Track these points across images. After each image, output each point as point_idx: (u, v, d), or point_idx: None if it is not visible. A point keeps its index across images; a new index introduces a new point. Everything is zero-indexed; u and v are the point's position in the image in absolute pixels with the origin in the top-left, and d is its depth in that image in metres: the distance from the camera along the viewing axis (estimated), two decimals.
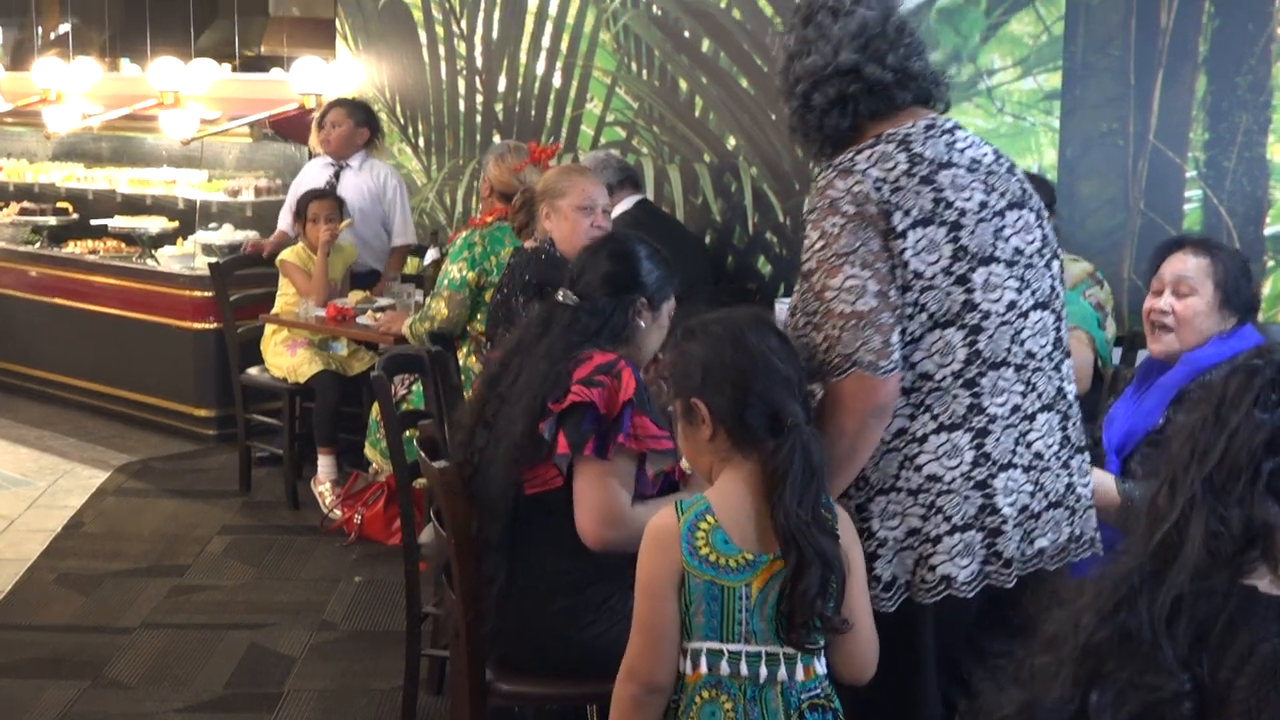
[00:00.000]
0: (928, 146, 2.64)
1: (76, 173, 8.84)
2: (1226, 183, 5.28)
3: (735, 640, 2.34)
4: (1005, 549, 2.59)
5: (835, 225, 2.55)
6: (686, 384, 2.43)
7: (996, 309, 2.59)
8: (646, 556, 2.38)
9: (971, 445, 2.57)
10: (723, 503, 2.38)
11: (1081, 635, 1.53)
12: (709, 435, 2.41)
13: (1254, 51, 5.23)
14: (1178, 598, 1.48)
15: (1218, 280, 3.41)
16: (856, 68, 2.67)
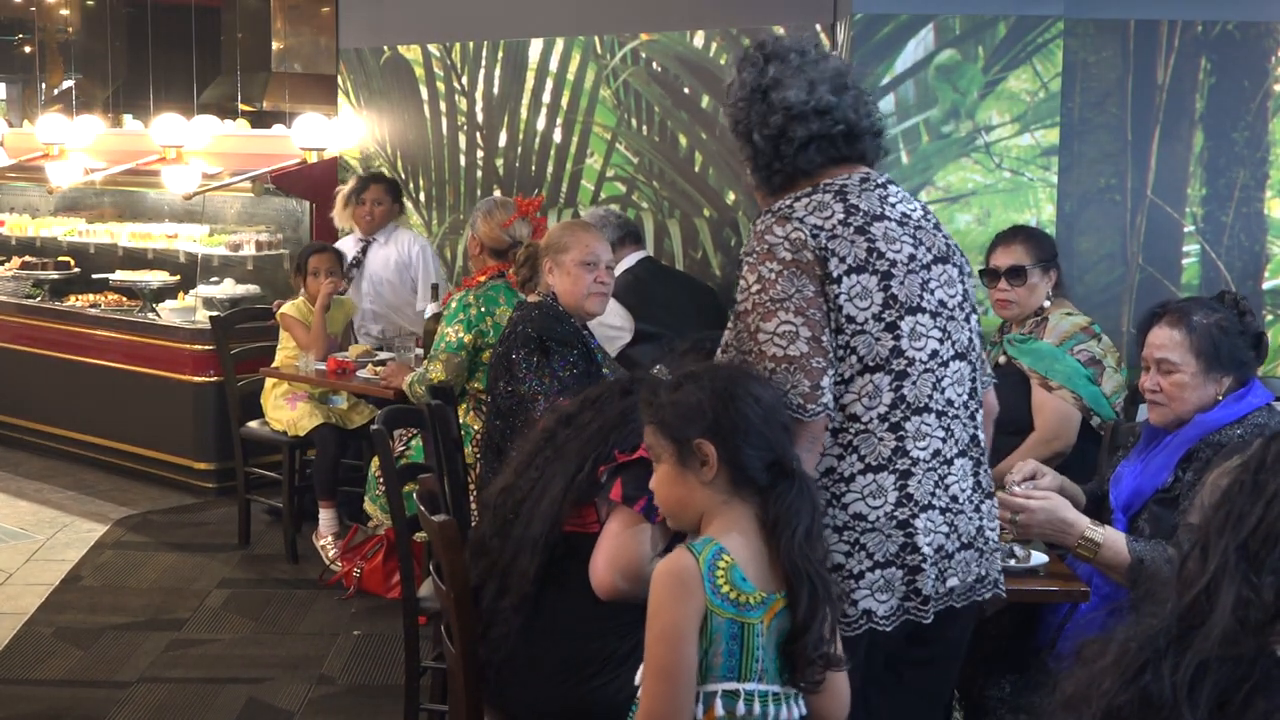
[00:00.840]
0: (863, 199, 2.73)
1: (78, 227, 8.87)
2: (1224, 238, 5.30)
3: (751, 679, 2.37)
4: (924, 586, 2.67)
5: (772, 271, 2.63)
6: (690, 427, 2.43)
7: (921, 356, 2.69)
8: (670, 600, 2.36)
9: (895, 486, 2.66)
10: (733, 543, 2.39)
11: (1104, 699, 1.52)
12: (710, 478, 2.42)
13: (1250, 108, 5.27)
14: (1202, 664, 1.46)
15: (1197, 351, 3.41)
16: (833, 109, 2.75)
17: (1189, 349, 3.40)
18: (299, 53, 12.64)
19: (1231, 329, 3.43)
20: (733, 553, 2.38)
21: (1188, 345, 3.40)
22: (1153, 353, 3.46)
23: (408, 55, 7.42)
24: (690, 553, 2.37)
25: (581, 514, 3.05)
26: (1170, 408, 3.44)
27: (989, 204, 5.16)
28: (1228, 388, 3.42)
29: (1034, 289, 4.57)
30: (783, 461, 2.42)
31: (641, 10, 6.48)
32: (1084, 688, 1.55)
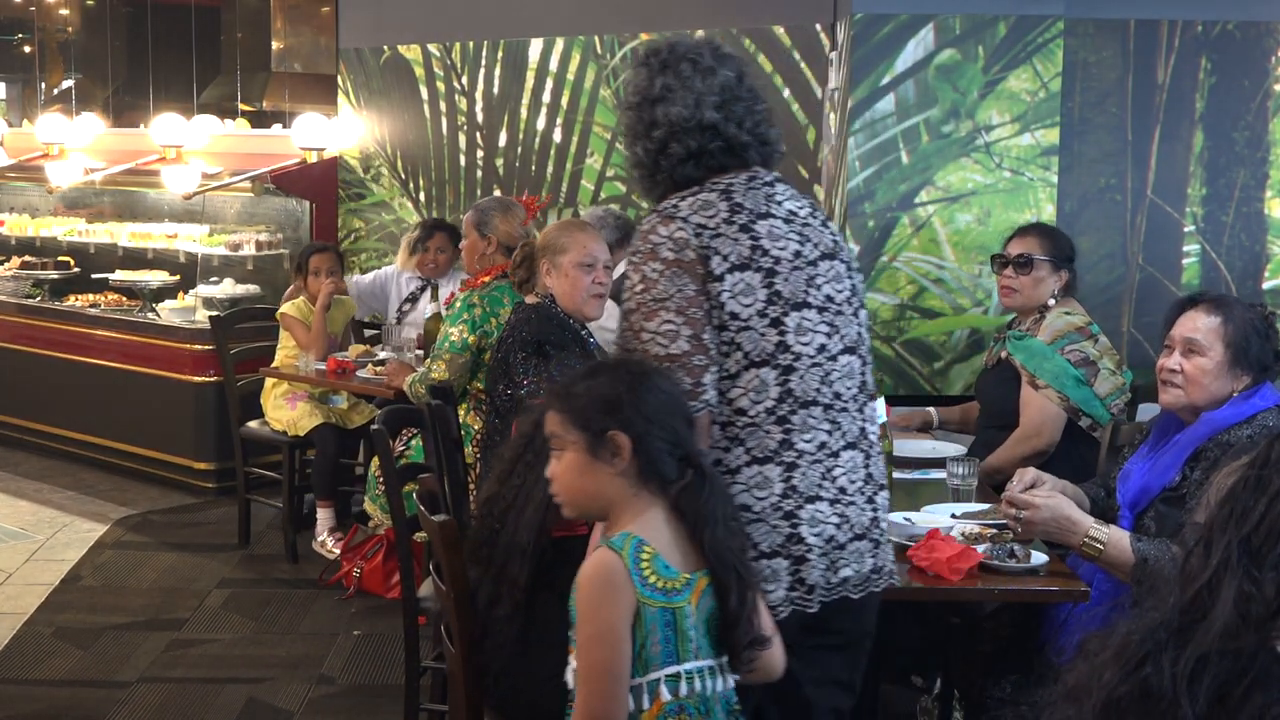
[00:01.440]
0: (748, 198, 2.79)
1: (78, 227, 8.87)
2: (1224, 237, 5.30)
3: (689, 659, 2.42)
4: (809, 576, 2.71)
5: (655, 271, 2.69)
6: (607, 418, 2.45)
7: (808, 351, 2.73)
8: (602, 601, 2.39)
9: (781, 478, 2.70)
10: (649, 533, 2.43)
11: (1104, 691, 1.53)
12: (621, 469, 2.45)
13: (1250, 108, 5.27)
14: (1202, 657, 1.47)
15: (1228, 341, 3.42)
16: (716, 126, 2.82)
17: (1220, 336, 3.41)
18: (299, 52, 12.63)
19: (1262, 332, 3.45)
20: (655, 540, 2.42)
21: (1220, 333, 3.41)
22: (1182, 333, 3.45)
23: (408, 55, 7.42)
24: (612, 550, 2.40)
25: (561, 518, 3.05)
26: (1185, 391, 3.43)
27: (989, 204, 5.16)
28: (1243, 387, 3.42)
29: (1039, 282, 4.57)
30: (690, 455, 2.47)
31: (641, 10, 6.48)
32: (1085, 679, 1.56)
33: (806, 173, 5.88)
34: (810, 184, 5.86)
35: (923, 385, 5.25)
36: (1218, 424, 3.38)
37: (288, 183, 7.65)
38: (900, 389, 5.20)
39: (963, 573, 3.15)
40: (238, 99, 12.54)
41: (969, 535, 3.38)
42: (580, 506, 2.55)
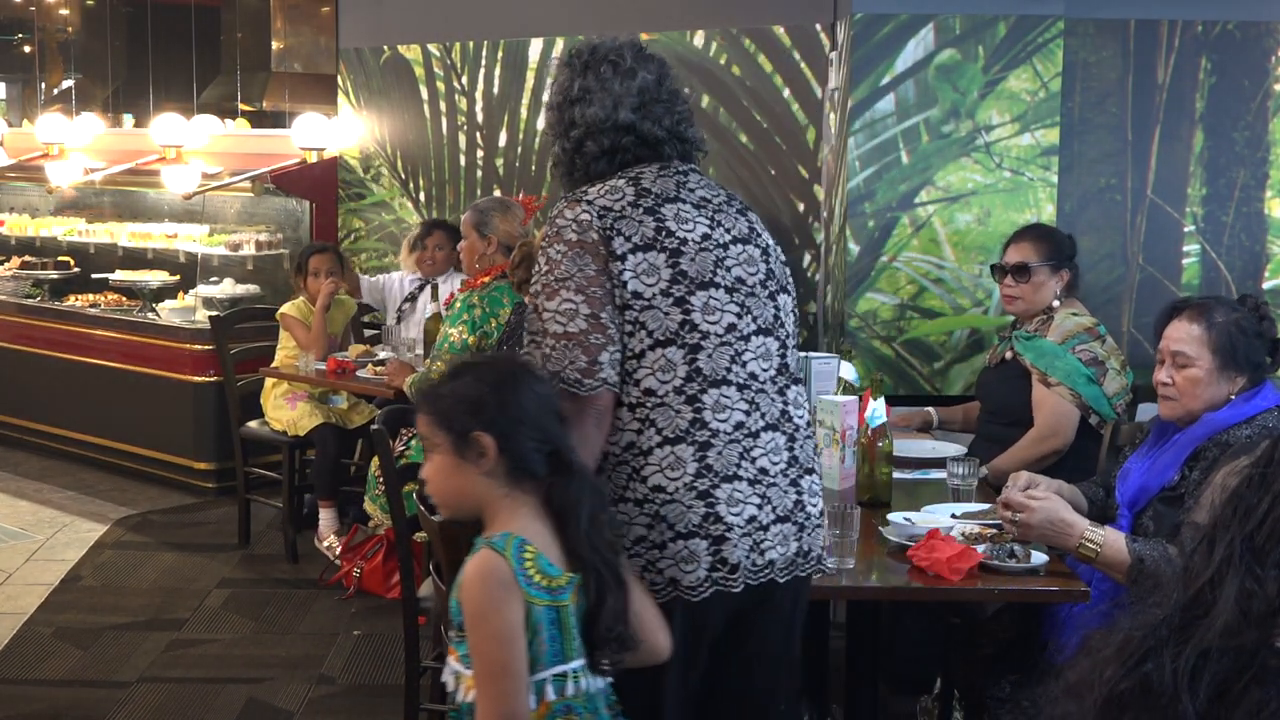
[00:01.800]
0: (656, 184, 2.84)
1: (78, 227, 8.87)
2: (1225, 237, 5.30)
3: (575, 657, 2.42)
4: (731, 555, 2.71)
5: (558, 252, 2.74)
6: (468, 418, 2.45)
7: (715, 330, 2.76)
8: (492, 602, 2.37)
9: (695, 458, 2.71)
10: (528, 532, 2.43)
11: (1105, 686, 1.53)
12: (488, 469, 2.44)
13: (1251, 108, 5.27)
14: (1204, 653, 1.48)
15: (1214, 347, 3.41)
16: (632, 125, 2.87)
17: (1206, 345, 3.41)
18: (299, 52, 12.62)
19: (1250, 330, 3.43)
20: (535, 539, 2.43)
21: (1205, 341, 3.41)
22: (1169, 345, 3.46)
23: (408, 55, 7.42)
24: (495, 551, 2.39)
25: None
26: (1181, 402, 3.44)
27: (989, 204, 5.16)
28: (1241, 388, 3.42)
29: (1039, 287, 4.58)
30: (560, 452, 2.47)
31: (641, 10, 6.48)
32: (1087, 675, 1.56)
33: (806, 173, 5.88)
34: (810, 184, 5.86)
35: (923, 385, 5.25)
36: (1218, 425, 3.39)
37: (288, 183, 7.65)
38: (900, 389, 5.20)
39: (963, 573, 3.15)
40: (238, 99, 12.54)
41: (969, 535, 3.38)
42: (453, 507, 2.56)
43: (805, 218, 5.89)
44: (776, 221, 6.02)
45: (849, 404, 3.97)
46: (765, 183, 6.05)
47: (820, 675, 4.14)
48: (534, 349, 2.73)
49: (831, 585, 3.23)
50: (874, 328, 5.25)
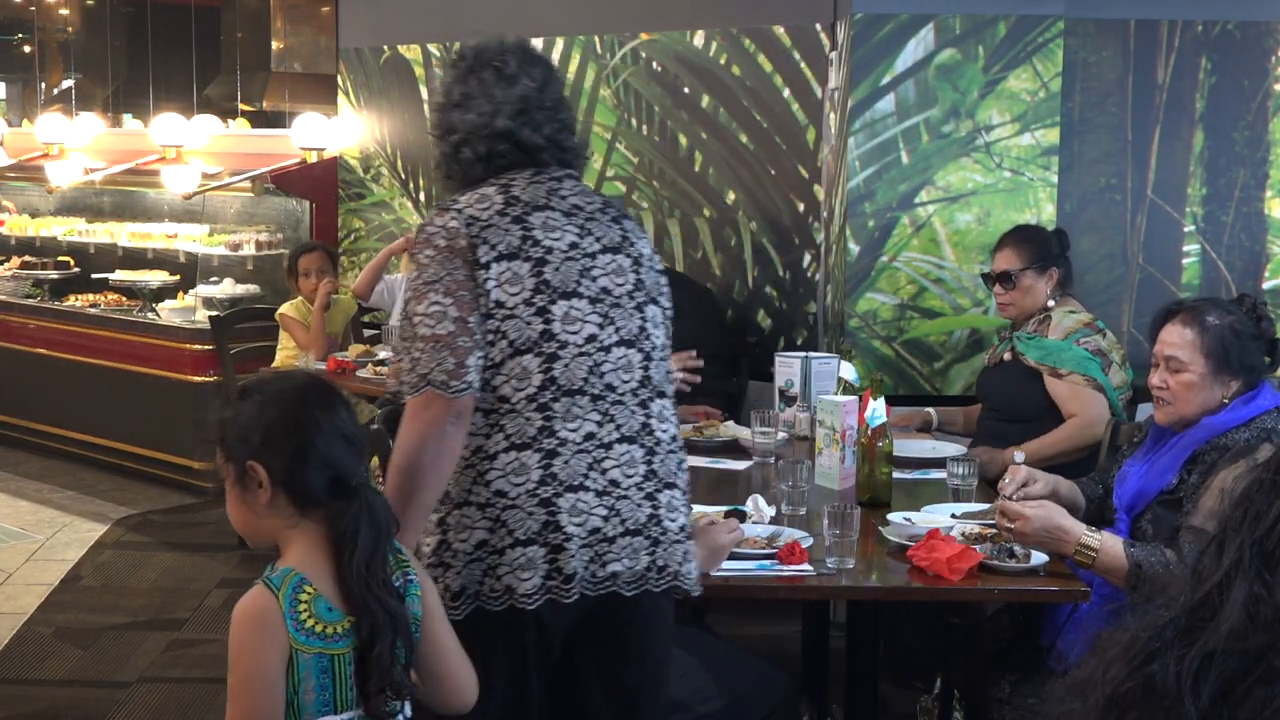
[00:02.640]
0: (527, 191, 2.83)
1: (78, 227, 8.87)
2: (1224, 237, 5.30)
3: (347, 709, 2.29)
4: (567, 566, 2.69)
5: (427, 257, 2.74)
6: (242, 447, 2.34)
7: (575, 340, 2.75)
8: (251, 644, 2.23)
9: (540, 465, 2.70)
10: (312, 570, 2.29)
11: (1109, 686, 1.53)
12: (267, 500, 2.32)
13: (1251, 108, 5.27)
14: (1208, 655, 1.48)
15: (1206, 352, 3.39)
16: (510, 133, 2.87)
17: (1199, 349, 3.39)
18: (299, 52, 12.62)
19: (1245, 332, 3.42)
20: (314, 581, 2.27)
21: (1198, 345, 3.39)
22: (1163, 350, 3.45)
23: (408, 55, 7.42)
24: (269, 589, 2.25)
25: None
26: (1175, 407, 3.43)
27: (989, 204, 5.16)
28: (1236, 391, 3.41)
29: (1028, 291, 4.61)
30: (344, 479, 2.32)
31: (641, 10, 6.48)
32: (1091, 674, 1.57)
33: (806, 173, 5.88)
34: (810, 184, 5.86)
35: (923, 385, 5.25)
36: (1216, 428, 3.38)
37: (288, 183, 7.65)
38: (900, 389, 5.20)
39: (963, 573, 3.14)
40: (238, 99, 12.54)
41: (969, 535, 3.38)
42: (251, 539, 2.42)
43: (805, 218, 5.89)
44: (776, 221, 6.03)
45: (849, 404, 3.97)
46: (765, 183, 6.05)
47: (820, 675, 4.14)
48: (405, 357, 2.72)
49: (831, 585, 3.23)
50: (874, 328, 5.25)
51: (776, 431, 4.38)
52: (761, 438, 4.32)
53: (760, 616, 5.23)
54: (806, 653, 4.21)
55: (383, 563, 2.31)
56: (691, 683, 3.15)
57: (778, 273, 6.04)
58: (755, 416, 4.37)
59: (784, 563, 3.20)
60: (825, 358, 4.75)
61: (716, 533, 3.17)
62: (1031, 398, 4.51)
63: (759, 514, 3.54)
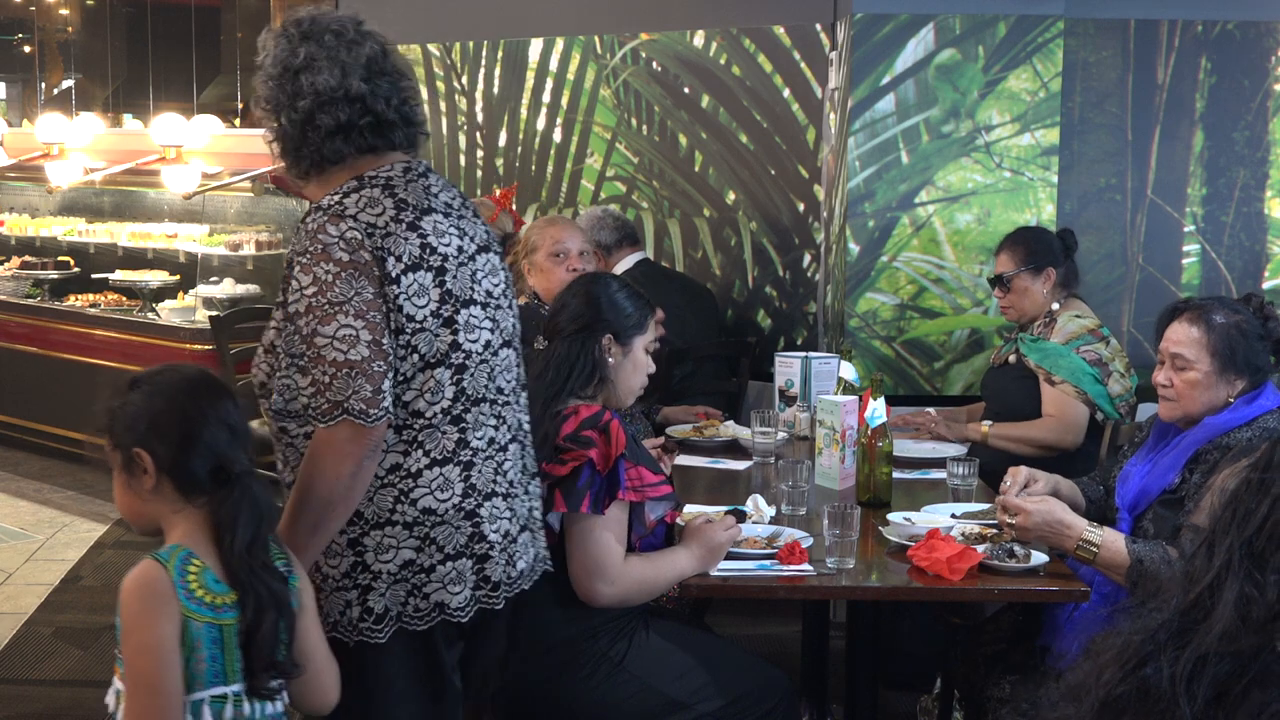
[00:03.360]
0: (410, 192, 2.69)
1: (78, 227, 8.87)
2: (1225, 237, 5.30)
3: (236, 681, 2.34)
4: (493, 574, 2.71)
5: (329, 272, 2.56)
6: (129, 435, 2.41)
7: (476, 348, 2.71)
8: (145, 612, 2.28)
9: (460, 478, 2.67)
10: (198, 548, 2.36)
11: (1103, 689, 1.53)
12: (151, 486, 2.38)
13: (1251, 108, 5.27)
14: (1202, 657, 1.47)
15: (1213, 350, 3.39)
16: (364, 99, 2.69)
17: (1205, 347, 3.39)
18: None
19: (1251, 332, 3.41)
20: (205, 555, 2.34)
21: (1204, 344, 3.39)
22: (1169, 347, 3.44)
23: (408, 55, 7.41)
24: (158, 562, 2.31)
25: None
26: (1180, 404, 3.43)
27: (989, 204, 5.16)
28: (1240, 390, 3.40)
29: (1024, 293, 4.63)
30: (226, 466, 2.37)
31: (641, 10, 6.48)
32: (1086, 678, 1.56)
33: (806, 173, 5.88)
34: (810, 184, 5.87)
35: (923, 385, 5.25)
36: (1218, 427, 3.37)
37: (288, 183, 7.64)
38: (900, 389, 5.20)
39: (963, 573, 3.15)
40: (238, 99, 12.54)
41: (969, 535, 3.38)
42: (136, 523, 2.48)
43: (805, 218, 5.90)
44: (776, 221, 6.03)
45: (849, 404, 3.97)
46: (765, 183, 6.05)
47: (820, 675, 4.14)
48: (297, 376, 2.59)
49: (831, 585, 3.23)
50: (874, 328, 5.25)
51: (776, 431, 4.38)
52: (761, 438, 4.32)
53: (760, 616, 5.23)
54: (806, 653, 4.20)
55: (264, 547, 2.37)
56: (691, 683, 3.15)
57: (778, 273, 6.04)
58: (755, 416, 4.37)
59: (784, 563, 3.20)
60: (825, 358, 4.75)
61: (713, 531, 3.18)
62: (1032, 400, 4.52)
63: (759, 514, 3.54)
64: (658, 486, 3.11)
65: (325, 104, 2.67)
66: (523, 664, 3.06)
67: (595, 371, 3.20)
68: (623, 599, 3.10)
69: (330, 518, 2.57)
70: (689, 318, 5.60)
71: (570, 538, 3.06)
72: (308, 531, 2.56)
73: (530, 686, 3.10)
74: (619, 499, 3.03)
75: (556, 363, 3.18)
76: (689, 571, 3.16)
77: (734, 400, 5.60)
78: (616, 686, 3.10)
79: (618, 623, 3.14)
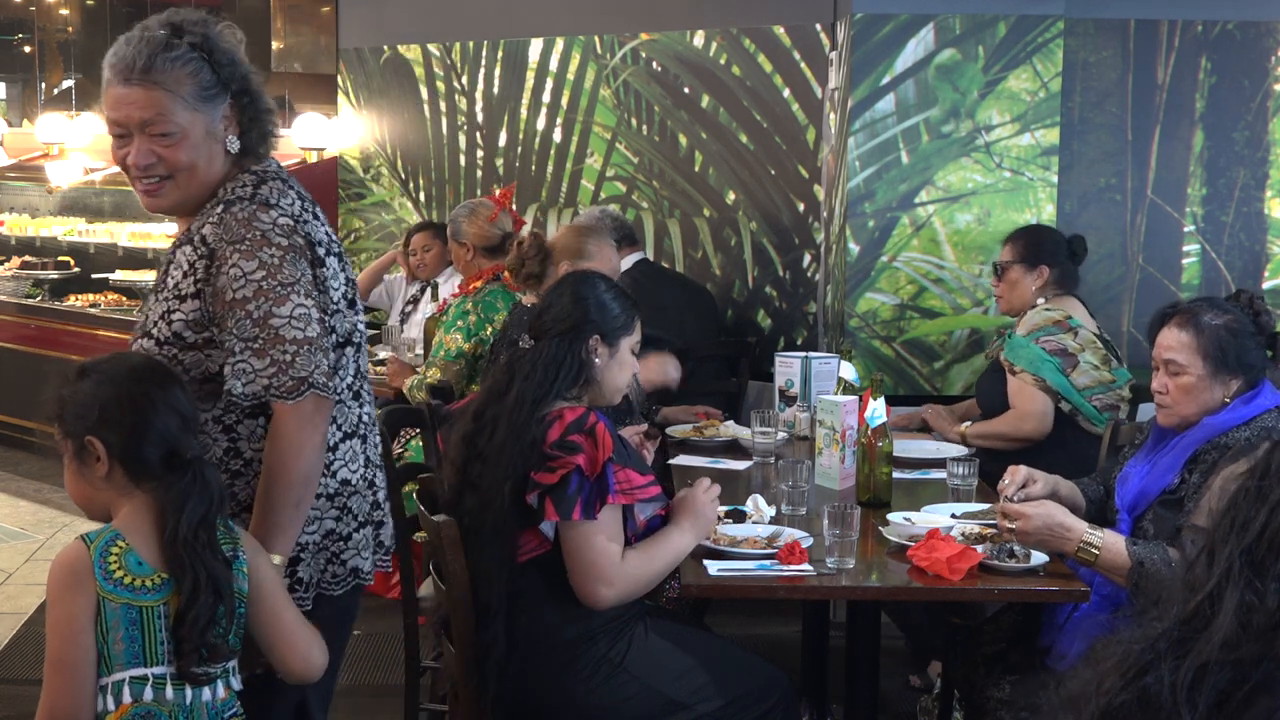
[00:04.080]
0: (294, 184, 2.83)
1: (78, 227, 8.87)
2: (1224, 237, 5.30)
3: (159, 663, 2.35)
4: (385, 538, 2.93)
5: (274, 256, 2.63)
6: (80, 423, 2.42)
7: (361, 328, 2.89)
8: (61, 590, 2.33)
9: (362, 450, 2.85)
10: (131, 529, 2.39)
11: (1104, 698, 1.52)
12: (104, 473, 2.42)
13: (1250, 108, 5.27)
14: (1202, 666, 1.47)
15: (1204, 353, 3.38)
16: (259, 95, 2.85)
17: (1196, 351, 3.38)
18: (299, 52, 12.63)
19: (1243, 330, 3.40)
20: (134, 537, 2.37)
21: (1195, 347, 3.38)
22: (1161, 353, 3.44)
23: (408, 55, 7.42)
24: (84, 542, 2.36)
25: (528, 538, 3.07)
26: (1176, 410, 3.42)
27: (989, 204, 5.16)
28: (1236, 390, 3.40)
29: (1015, 285, 4.69)
30: (179, 451, 2.41)
31: (641, 10, 6.48)
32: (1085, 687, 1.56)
33: (807, 173, 5.88)
34: (810, 184, 5.87)
35: (923, 385, 5.25)
36: (1217, 428, 3.37)
37: None
38: (900, 389, 5.20)
39: (963, 573, 3.14)
40: None
41: (969, 535, 3.38)
42: (88, 510, 2.51)
43: (805, 218, 5.90)
44: (776, 221, 6.03)
45: (849, 404, 3.97)
46: (765, 183, 6.05)
47: (820, 675, 4.14)
48: (252, 359, 2.59)
49: (831, 585, 3.23)
50: (874, 328, 5.25)
51: (776, 431, 4.38)
52: (761, 438, 4.32)
53: (760, 616, 5.23)
54: (806, 653, 4.20)
55: (211, 530, 2.39)
56: (691, 683, 3.15)
57: (778, 273, 6.04)
58: (755, 416, 4.37)
59: (784, 563, 3.19)
60: (825, 358, 4.74)
61: (694, 499, 3.20)
62: (1005, 395, 4.58)
63: (759, 514, 3.54)
64: (646, 488, 3.10)
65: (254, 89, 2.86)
66: (523, 666, 3.07)
67: (582, 372, 3.20)
68: (626, 596, 3.09)
69: (310, 491, 2.67)
70: (689, 318, 5.60)
71: (566, 545, 3.05)
72: (291, 510, 2.62)
73: (530, 689, 3.10)
74: (609, 503, 3.03)
75: (544, 363, 3.17)
76: (687, 547, 3.17)
77: (734, 400, 5.60)
78: (617, 688, 3.10)
79: (617, 624, 3.14)
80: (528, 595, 3.08)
